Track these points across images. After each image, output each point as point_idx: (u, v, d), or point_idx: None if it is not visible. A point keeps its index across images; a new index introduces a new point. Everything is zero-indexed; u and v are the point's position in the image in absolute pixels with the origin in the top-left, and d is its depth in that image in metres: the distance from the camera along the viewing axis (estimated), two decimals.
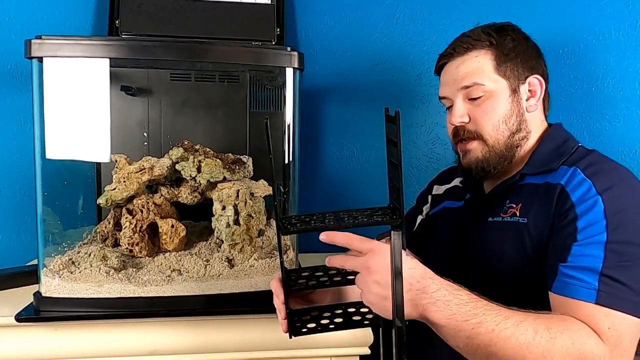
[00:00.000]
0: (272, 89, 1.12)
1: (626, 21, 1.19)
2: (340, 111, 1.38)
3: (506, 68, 0.90)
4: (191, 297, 0.87)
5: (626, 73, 1.20)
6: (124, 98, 1.09)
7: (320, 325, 0.73)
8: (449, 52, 0.93)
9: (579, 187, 0.80)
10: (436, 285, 0.66)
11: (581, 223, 0.77)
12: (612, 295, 0.72)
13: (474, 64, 0.90)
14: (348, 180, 1.39)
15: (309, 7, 1.36)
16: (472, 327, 0.66)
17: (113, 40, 0.91)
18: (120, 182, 0.94)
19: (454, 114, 0.92)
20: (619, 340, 0.70)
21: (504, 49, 0.90)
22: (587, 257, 0.74)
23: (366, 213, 0.68)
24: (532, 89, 0.92)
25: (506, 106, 0.90)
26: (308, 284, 0.73)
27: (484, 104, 0.90)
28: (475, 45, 0.91)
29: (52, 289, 0.86)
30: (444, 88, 0.96)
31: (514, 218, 0.86)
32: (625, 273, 0.73)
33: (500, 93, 0.90)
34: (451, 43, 0.95)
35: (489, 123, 0.90)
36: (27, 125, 1.25)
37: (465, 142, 0.92)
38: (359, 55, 1.36)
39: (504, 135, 0.90)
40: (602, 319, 0.70)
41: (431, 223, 1.09)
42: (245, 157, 1.03)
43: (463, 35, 0.94)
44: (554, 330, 0.67)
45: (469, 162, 0.93)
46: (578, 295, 0.73)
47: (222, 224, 0.96)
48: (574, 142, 0.90)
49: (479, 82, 0.89)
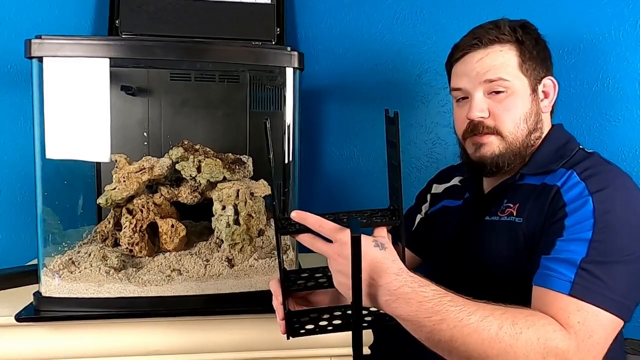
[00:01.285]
0: (272, 89, 1.12)
1: (626, 21, 1.19)
2: (340, 111, 1.38)
3: (529, 66, 0.88)
4: (191, 297, 0.87)
5: (626, 73, 1.20)
6: (124, 98, 1.09)
7: (318, 327, 0.73)
8: (473, 43, 0.89)
9: (572, 188, 0.80)
10: (399, 281, 0.66)
11: (569, 221, 0.77)
12: (586, 289, 0.71)
13: (499, 58, 0.88)
14: (348, 180, 1.39)
15: (309, 7, 1.36)
16: (432, 324, 0.65)
17: (113, 40, 0.91)
18: (120, 182, 0.94)
19: (474, 108, 0.89)
20: (588, 335, 0.69)
21: (528, 47, 0.88)
22: (569, 251, 0.75)
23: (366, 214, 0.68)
24: (546, 90, 0.91)
25: (527, 105, 0.88)
26: (306, 285, 0.73)
27: (506, 100, 0.88)
28: (501, 39, 0.88)
29: (52, 288, 0.86)
30: (461, 79, 0.92)
31: (511, 218, 0.87)
32: (603, 269, 0.72)
33: (523, 91, 0.88)
34: (471, 34, 0.91)
35: (510, 120, 0.88)
36: (27, 125, 1.25)
37: (482, 135, 0.89)
38: (359, 55, 1.36)
39: (523, 134, 0.88)
40: (574, 313, 0.70)
41: (430, 222, 1.09)
42: (245, 157, 1.04)
43: (484, 27, 0.91)
44: (519, 325, 0.67)
45: (483, 156, 0.90)
46: (553, 286, 0.73)
47: (222, 224, 0.96)
48: (574, 143, 0.90)
49: (504, 77, 0.87)
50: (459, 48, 0.92)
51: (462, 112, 0.92)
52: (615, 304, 0.71)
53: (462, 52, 0.91)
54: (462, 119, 0.93)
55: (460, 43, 0.92)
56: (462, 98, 0.93)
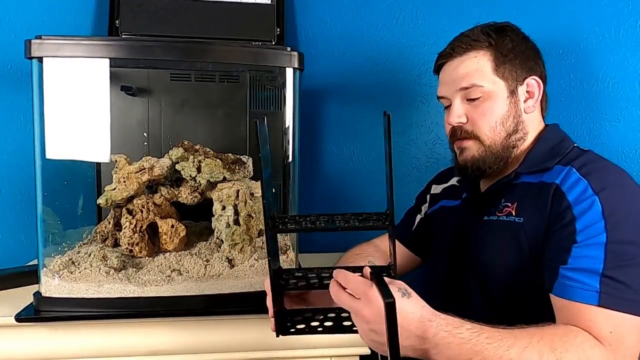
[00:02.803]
0: (272, 89, 1.12)
1: (626, 21, 1.19)
2: (340, 111, 1.38)
3: (505, 69, 0.90)
4: (191, 297, 0.87)
5: (626, 73, 1.20)
6: (124, 98, 1.09)
7: (309, 327, 0.72)
8: (448, 52, 0.93)
9: (574, 186, 0.80)
10: (435, 327, 0.64)
11: (580, 224, 0.77)
12: (613, 297, 0.72)
13: (472, 65, 0.90)
14: (348, 180, 1.39)
15: (309, 7, 1.36)
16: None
17: (113, 40, 0.91)
18: (120, 182, 0.94)
19: (452, 114, 0.92)
20: (621, 342, 0.70)
21: (502, 50, 0.90)
22: (588, 258, 0.75)
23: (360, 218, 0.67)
24: (530, 90, 0.92)
25: (504, 108, 0.90)
26: (297, 285, 0.73)
27: (482, 105, 0.90)
28: (474, 46, 0.90)
29: (52, 289, 0.86)
30: (442, 88, 0.96)
31: (510, 217, 0.87)
32: (625, 272, 0.73)
33: (499, 94, 0.90)
34: (450, 43, 0.95)
35: (487, 124, 0.90)
36: (27, 125, 1.25)
37: (461, 140, 0.93)
38: (359, 56, 1.36)
39: (501, 137, 0.90)
40: (604, 324, 0.71)
41: (429, 222, 1.09)
42: (245, 157, 1.04)
43: (462, 35, 0.94)
44: (558, 350, 0.67)
45: (465, 160, 0.93)
46: (580, 298, 0.73)
47: (222, 224, 0.96)
48: (569, 142, 0.91)
49: (478, 84, 0.89)
50: (439, 57, 0.96)
51: (447, 117, 0.96)
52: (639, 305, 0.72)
53: (440, 61, 0.95)
54: (447, 125, 0.96)
55: (441, 52, 0.96)
56: (447, 105, 0.96)
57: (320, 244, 1.25)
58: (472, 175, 0.93)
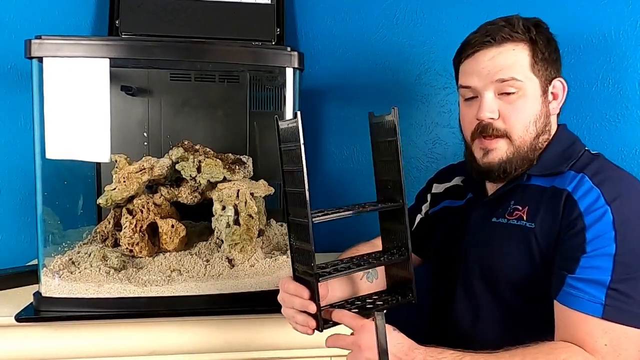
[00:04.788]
0: (272, 89, 1.12)
1: (626, 21, 1.19)
2: (340, 111, 1.38)
3: (540, 67, 0.85)
4: (191, 297, 0.87)
5: (626, 73, 1.20)
6: (124, 98, 1.09)
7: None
8: (485, 40, 0.85)
9: (587, 195, 0.78)
10: (423, 354, 0.72)
11: (590, 234, 0.76)
12: (617, 309, 0.72)
13: (511, 57, 0.84)
14: (348, 180, 1.39)
15: (309, 7, 1.36)
16: None
17: (113, 40, 0.91)
18: (120, 182, 0.94)
19: (484, 109, 0.85)
20: (617, 354, 0.71)
21: (540, 47, 0.85)
22: (595, 269, 0.74)
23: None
24: (555, 91, 0.88)
25: (537, 106, 0.85)
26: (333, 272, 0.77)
27: (516, 101, 0.84)
28: (514, 38, 0.84)
29: (52, 289, 0.86)
30: (471, 77, 0.87)
31: (521, 222, 0.84)
32: (630, 285, 0.73)
33: (534, 92, 0.85)
34: (483, 30, 0.87)
35: (520, 122, 0.84)
36: (27, 125, 1.25)
37: (490, 139, 0.86)
38: (359, 55, 1.36)
39: (531, 137, 0.85)
40: (601, 337, 0.71)
41: (431, 222, 1.07)
42: (245, 157, 1.04)
43: (497, 23, 0.86)
44: None
45: (490, 162, 0.86)
46: (584, 308, 0.73)
47: (222, 224, 0.96)
48: (580, 145, 0.89)
49: (517, 77, 0.83)
50: (470, 44, 0.87)
51: (471, 111, 0.88)
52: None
53: (473, 49, 0.87)
54: (470, 119, 0.89)
55: (472, 39, 0.87)
56: (471, 97, 0.89)
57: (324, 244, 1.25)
58: (497, 177, 0.87)
